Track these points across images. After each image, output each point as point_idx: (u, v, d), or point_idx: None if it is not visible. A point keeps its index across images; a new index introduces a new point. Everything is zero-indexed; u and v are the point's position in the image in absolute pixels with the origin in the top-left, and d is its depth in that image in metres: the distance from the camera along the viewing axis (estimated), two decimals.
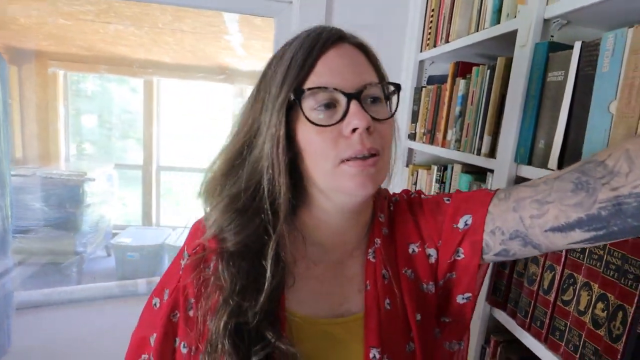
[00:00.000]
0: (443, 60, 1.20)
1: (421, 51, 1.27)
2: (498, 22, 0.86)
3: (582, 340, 0.59)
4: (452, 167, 1.04)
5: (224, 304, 0.49)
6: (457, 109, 1.01)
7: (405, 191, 0.63)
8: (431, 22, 1.20)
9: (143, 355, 0.57)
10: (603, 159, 0.42)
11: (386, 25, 1.32)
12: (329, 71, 0.49)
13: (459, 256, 0.56)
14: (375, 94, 0.50)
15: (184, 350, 0.53)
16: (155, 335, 0.54)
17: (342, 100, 0.48)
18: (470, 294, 0.57)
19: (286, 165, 0.49)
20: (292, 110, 0.49)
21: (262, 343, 0.48)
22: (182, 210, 4.33)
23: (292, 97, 0.48)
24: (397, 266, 0.58)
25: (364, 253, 0.58)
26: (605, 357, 0.54)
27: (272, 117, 0.49)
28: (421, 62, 1.30)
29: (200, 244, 0.54)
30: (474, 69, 0.94)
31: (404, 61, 1.35)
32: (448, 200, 0.58)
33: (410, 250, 0.58)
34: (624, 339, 0.52)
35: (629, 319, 0.51)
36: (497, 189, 0.54)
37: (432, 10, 1.19)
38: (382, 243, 0.57)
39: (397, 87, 0.53)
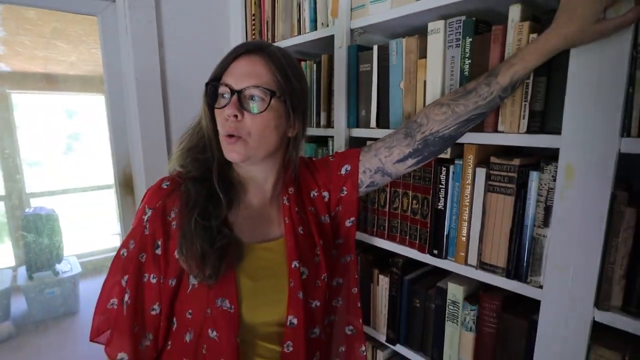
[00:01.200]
0: None
1: None
2: (315, 29, 1.18)
3: (409, 226, 0.98)
4: None
5: (194, 205, 0.68)
6: None
7: (301, 157, 0.86)
8: (254, 25, 1.43)
9: (111, 300, 0.70)
10: (414, 119, 0.78)
11: (211, 26, 1.47)
12: (230, 72, 0.69)
13: (343, 193, 0.85)
14: (253, 93, 0.68)
15: (154, 281, 0.69)
16: (127, 276, 0.68)
17: (229, 93, 0.68)
18: (353, 218, 0.87)
19: (213, 131, 0.73)
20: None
21: (221, 234, 0.68)
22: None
23: (206, 86, 0.71)
24: (305, 206, 0.82)
25: (279, 200, 0.80)
26: (422, 229, 0.94)
27: (204, 101, 0.73)
28: None
29: (170, 181, 0.72)
30: (302, 63, 1.24)
31: None
32: (332, 158, 0.87)
33: (311, 195, 0.85)
34: (429, 214, 0.92)
35: (430, 202, 0.91)
36: (361, 147, 0.86)
37: (253, 15, 1.42)
38: (294, 191, 0.81)
39: (272, 93, 0.68)
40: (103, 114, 1.37)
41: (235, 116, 0.67)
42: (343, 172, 0.84)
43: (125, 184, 1.38)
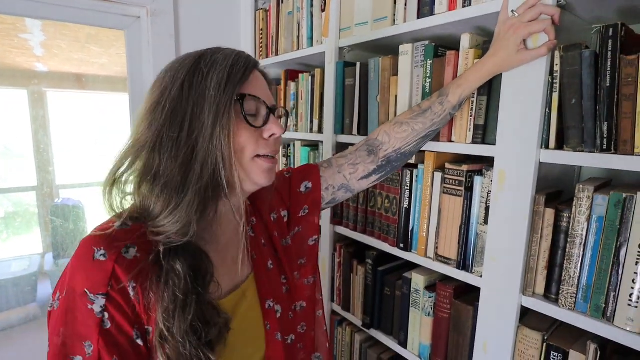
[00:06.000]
0: (274, 67, 1.61)
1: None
2: (312, 45, 1.33)
3: (382, 222, 1.11)
4: (294, 144, 1.48)
5: (187, 298, 0.51)
6: (291, 102, 1.45)
7: None
8: (261, 39, 1.59)
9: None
10: (375, 136, 0.85)
11: (224, 39, 1.64)
12: (256, 87, 0.59)
13: (304, 212, 0.80)
14: (280, 112, 0.64)
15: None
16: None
17: (264, 111, 0.59)
18: (316, 236, 0.82)
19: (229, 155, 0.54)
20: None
21: (208, 327, 0.53)
22: None
23: (236, 98, 0.55)
24: (270, 232, 0.74)
25: (241, 233, 0.67)
26: (393, 225, 1.07)
27: (221, 116, 0.53)
28: None
29: (136, 246, 0.52)
30: (300, 75, 1.39)
31: None
32: (288, 174, 0.81)
33: (272, 218, 0.76)
34: (397, 211, 1.05)
35: (397, 202, 1.04)
36: (318, 163, 0.84)
37: (261, 30, 1.59)
38: (257, 220, 0.73)
39: (288, 113, 0.71)
40: (128, 112, 1.55)
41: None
42: (303, 189, 0.80)
43: None
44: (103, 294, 0.49)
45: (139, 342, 0.51)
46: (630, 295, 0.63)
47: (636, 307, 0.63)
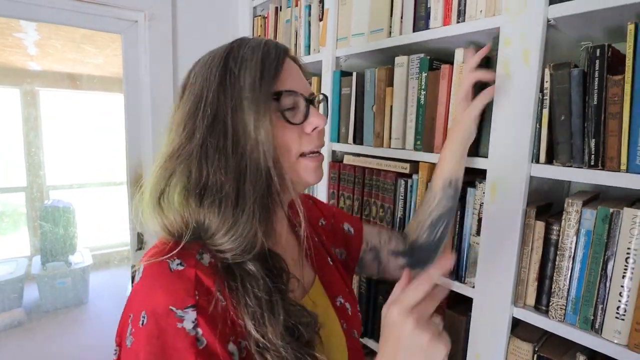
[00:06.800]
0: None
1: None
2: (309, 53, 1.34)
3: None
4: None
5: (271, 297, 0.48)
6: None
7: None
8: None
9: None
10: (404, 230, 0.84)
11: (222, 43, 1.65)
12: (291, 78, 0.54)
13: (341, 256, 0.76)
14: (319, 98, 0.60)
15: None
16: None
17: (302, 103, 0.54)
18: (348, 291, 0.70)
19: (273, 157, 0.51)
20: None
21: (302, 326, 0.50)
22: None
23: (273, 97, 0.51)
24: (318, 233, 0.73)
25: (292, 235, 0.66)
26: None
27: (262, 118, 0.49)
28: None
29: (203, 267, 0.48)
30: None
31: None
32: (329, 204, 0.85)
33: (320, 223, 0.75)
34: (392, 220, 1.06)
35: (391, 211, 1.05)
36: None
37: (259, 36, 1.60)
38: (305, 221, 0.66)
39: (327, 98, 0.63)
40: (122, 113, 1.54)
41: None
42: (345, 228, 0.77)
43: (136, 182, 1.55)
44: (191, 305, 0.44)
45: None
46: (618, 307, 0.65)
47: (623, 319, 0.64)
